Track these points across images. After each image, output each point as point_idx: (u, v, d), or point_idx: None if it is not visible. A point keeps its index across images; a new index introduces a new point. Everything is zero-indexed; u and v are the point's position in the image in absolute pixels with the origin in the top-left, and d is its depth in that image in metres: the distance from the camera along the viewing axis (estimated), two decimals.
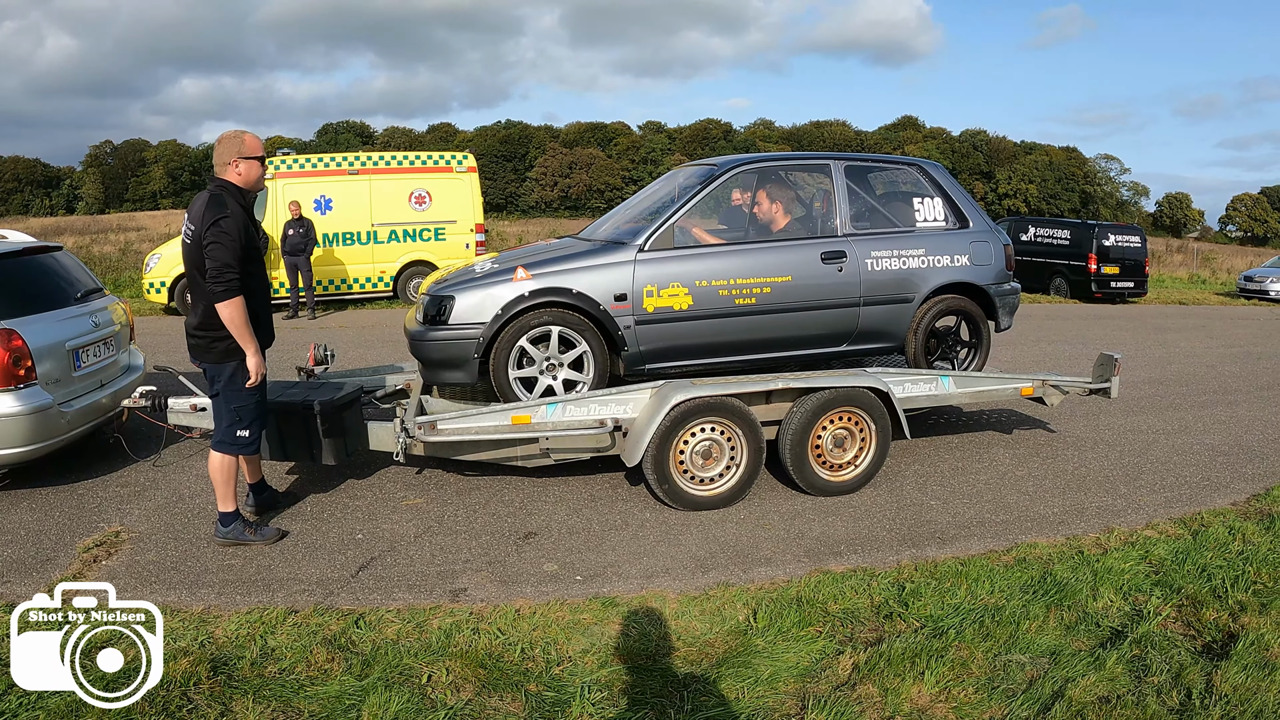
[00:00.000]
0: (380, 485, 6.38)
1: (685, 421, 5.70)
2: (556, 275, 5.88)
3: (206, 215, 4.73)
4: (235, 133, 4.97)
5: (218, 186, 4.88)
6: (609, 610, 4.49)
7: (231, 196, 4.86)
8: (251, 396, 5.10)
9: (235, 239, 4.75)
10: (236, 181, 4.92)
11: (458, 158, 17.79)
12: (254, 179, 4.99)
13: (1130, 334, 15.73)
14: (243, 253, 4.83)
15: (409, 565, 5.05)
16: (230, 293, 4.74)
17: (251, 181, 4.98)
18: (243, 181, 4.94)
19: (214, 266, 4.70)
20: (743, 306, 6.14)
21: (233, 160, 4.89)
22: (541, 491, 6.24)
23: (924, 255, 6.63)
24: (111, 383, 6.70)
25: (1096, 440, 7.81)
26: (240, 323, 4.82)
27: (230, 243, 4.72)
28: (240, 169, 4.91)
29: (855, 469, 6.20)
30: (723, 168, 6.43)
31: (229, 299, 4.74)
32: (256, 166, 4.96)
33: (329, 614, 4.40)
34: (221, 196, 4.81)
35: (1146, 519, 5.93)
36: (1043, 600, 4.60)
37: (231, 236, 4.73)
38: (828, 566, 5.06)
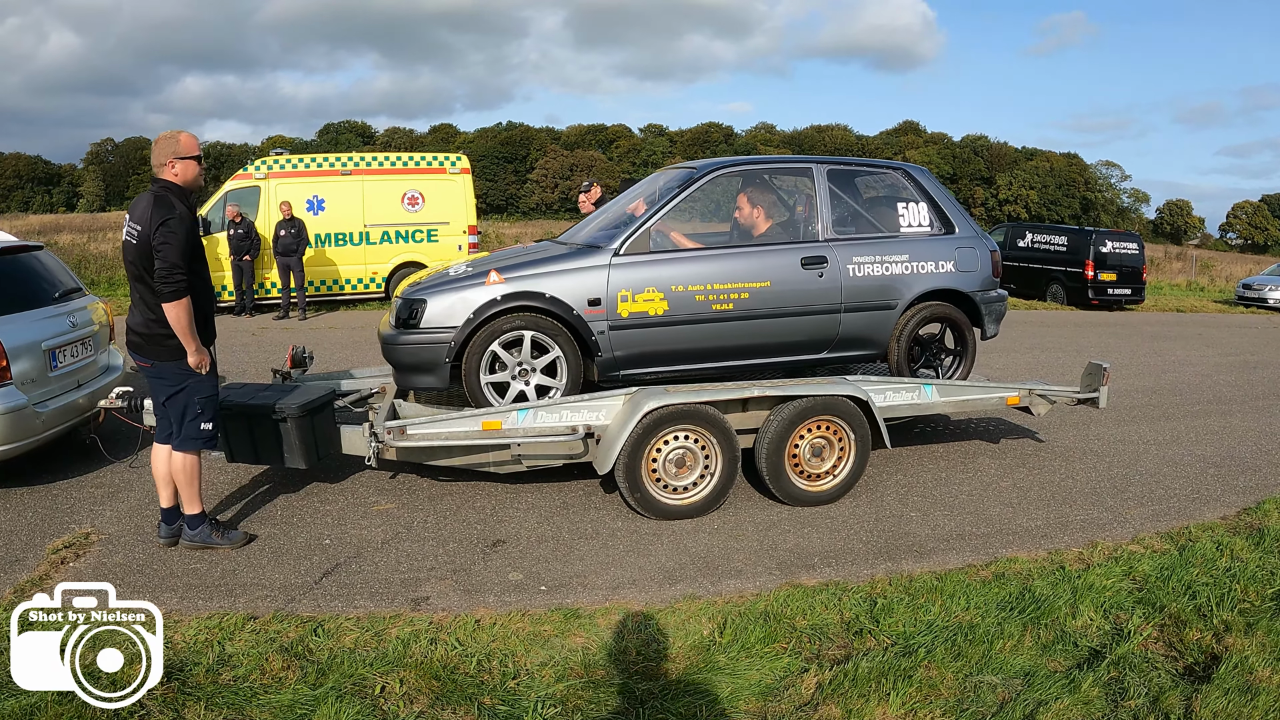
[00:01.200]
0: (353, 490, 6.29)
1: (658, 429, 5.58)
2: (529, 279, 5.77)
3: (154, 215, 4.66)
4: (172, 133, 4.90)
5: (161, 187, 4.81)
6: (571, 622, 4.38)
7: (176, 196, 4.78)
8: (212, 386, 5.05)
9: (183, 239, 4.69)
10: (175, 181, 4.85)
11: (451, 159, 17.74)
12: (191, 178, 4.91)
13: (1125, 342, 15.57)
14: (190, 253, 4.78)
15: (373, 572, 4.96)
16: (179, 293, 4.68)
17: (189, 181, 4.90)
18: (181, 181, 4.86)
19: (163, 267, 4.63)
20: (720, 312, 6.02)
21: (169, 160, 4.82)
22: (514, 498, 6.13)
23: (908, 261, 6.50)
24: (89, 383, 6.64)
25: (1085, 450, 7.69)
26: (186, 323, 4.76)
27: (179, 243, 4.65)
28: (176, 169, 4.83)
29: (833, 479, 6.07)
30: (701, 171, 6.32)
31: (176, 299, 4.69)
32: (193, 166, 4.88)
33: (288, 620, 4.33)
34: (167, 197, 4.74)
35: (1132, 533, 5.79)
36: (1019, 618, 4.47)
37: (179, 237, 4.66)
38: (799, 579, 4.93)
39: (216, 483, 6.33)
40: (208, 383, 5.01)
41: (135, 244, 4.76)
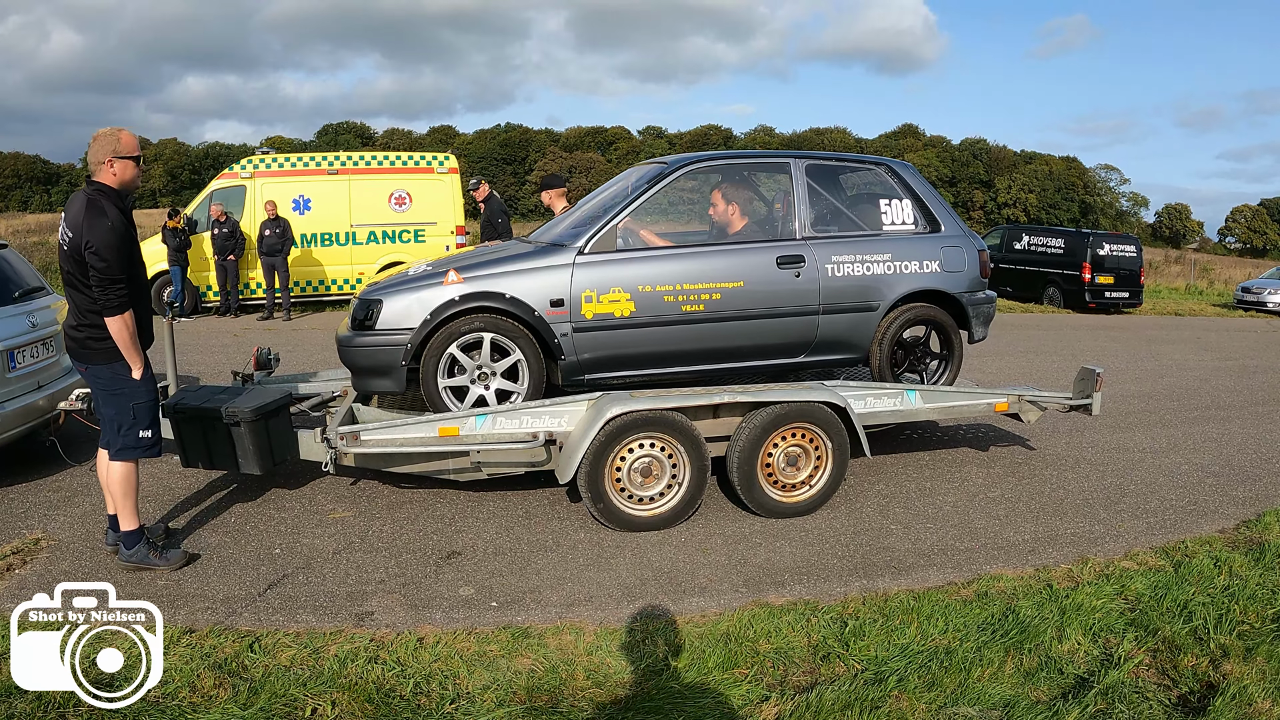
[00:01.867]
0: (310, 496, 6.05)
1: (622, 436, 5.30)
2: (489, 279, 5.49)
3: (86, 223, 4.41)
4: (111, 130, 4.62)
5: (95, 190, 4.54)
6: (519, 642, 4.11)
7: (109, 200, 4.52)
8: (150, 392, 4.81)
9: (119, 249, 4.46)
10: (111, 183, 4.58)
11: (439, 158, 17.51)
12: (129, 179, 4.64)
13: (1122, 345, 15.38)
14: (127, 262, 4.55)
15: (320, 584, 4.73)
16: (121, 307, 4.49)
17: (126, 182, 4.64)
18: (117, 182, 4.60)
19: (104, 282, 4.42)
20: (690, 314, 5.73)
21: (107, 159, 4.54)
22: (475, 507, 5.86)
23: (890, 260, 6.22)
24: (50, 384, 6.46)
25: (1078, 459, 7.41)
26: (128, 337, 4.57)
27: (114, 255, 4.42)
28: (115, 169, 4.57)
29: (810, 489, 5.79)
30: (672, 166, 6.04)
31: (119, 313, 4.49)
32: (131, 167, 4.62)
33: (226, 635, 4.13)
34: (99, 202, 4.47)
35: (1125, 548, 5.52)
36: (1001, 642, 4.19)
37: (114, 248, 4.43)
38: (767, 598, 4.64)
39: (174, 487, 6.13)
40: (143, 388, 4.75)
41: (67, 250, 4.52)
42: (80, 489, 6.08)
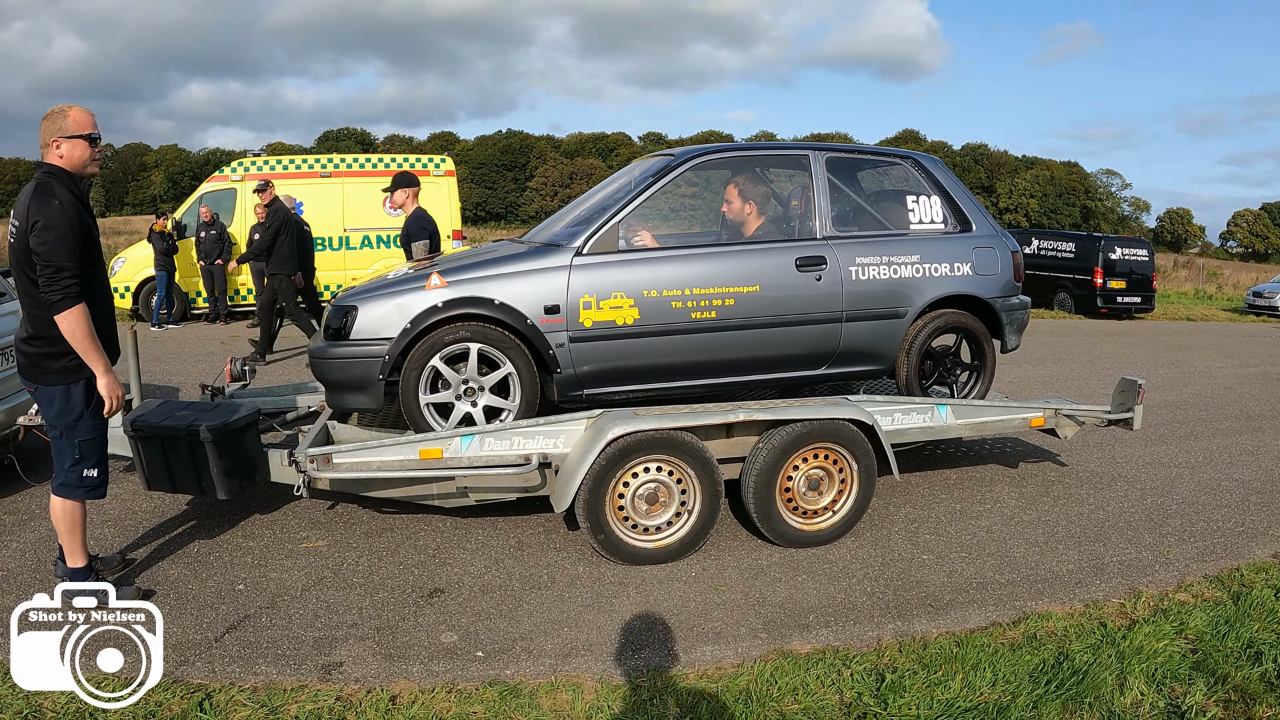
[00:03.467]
0: (284, 522, 5.53)
1: (625, 459, 4.77)
2: (476, 283, 4.96)
3: (32, 204, 3.89)
4: (59, 108, 4.07)
5: (44, 173, 4.01)
6: (507, 701, 3.57)
7: (61, 183, 4.00)
8: (99, 428, 4.26)
9: (68, 235, 3.91)
10: (64, 165, 4.05)
11: (435, 161, 17.06)
12: (79, 161, 4.10)
13: (1140, 352, 15.00)
14: (80, 251, 3.98)
15: (284, 628, 4.19)
16: (69, 299, 3.92)
17: (76, 164, 4.09)
18: (67, 164, 4.07)
19: (47, 270, 3.87)
20: (700, 321, 5.21)
21: (53, 140, 4.03)
22: (463, 536, 5.33)
23: (918, 263, 5.69)
24: (9, 398, 5.97)
25: (1114, 476, 6.90)
26: (84, 335, 3.98)
27: (62, 241, 3.88)
28: (62, 150, 4.04)
29: (833, 516, 5.25)
30: (680, 158, 5.50)
31: (69, 307, 3.92)
32: (81, 146, 4.08)
33: (174, 689, 3.63)
34: (49, 184, 3.96)
35: (1178, 577, 5.01)
36: (1058, 695, 3.66)
37: (62, 233, 3.88)
38: (790, 645, 4.09)
39: (138, 510, 5.64)
40: (88, 423, 4.20)
41: (15, 244, 3.99)
42: (39, 511, 5.57)
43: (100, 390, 4.12)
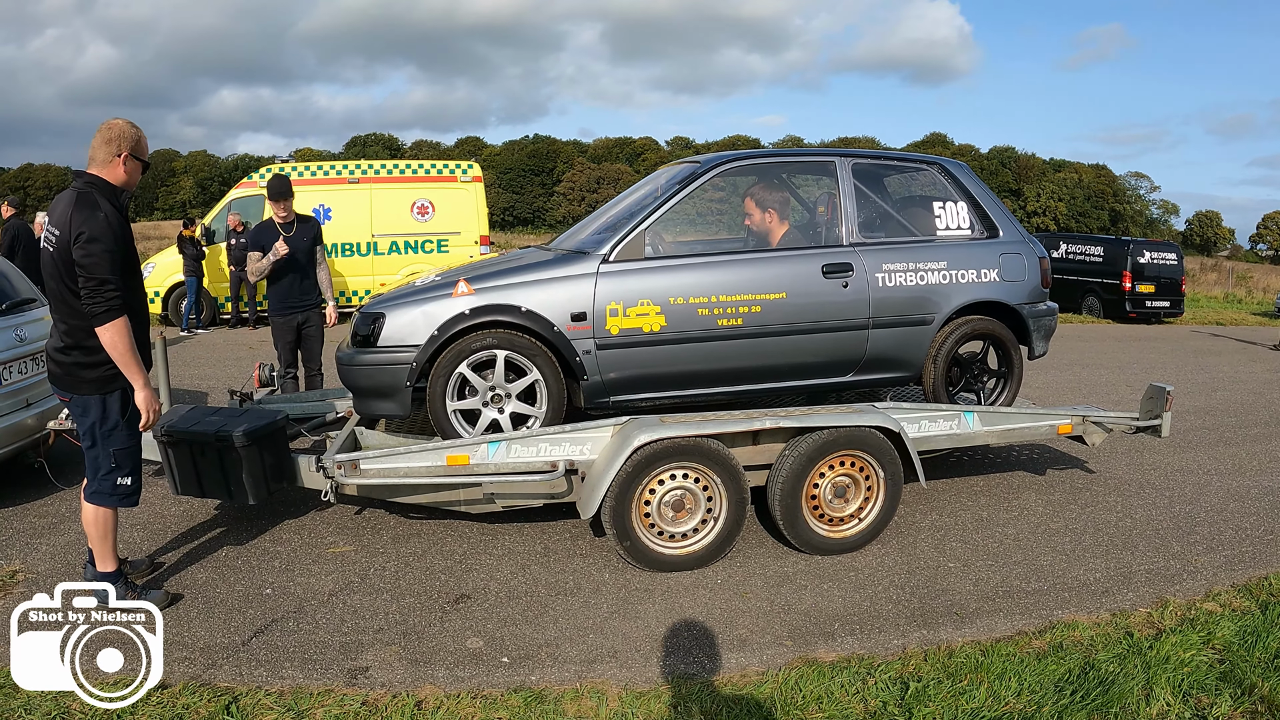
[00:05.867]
0: (311, 527, 5.58)
1: (651, 466, 4.78)
2: (502, 290, 4.98)
3: (75, 219, 3.91)
4: (128, 124, 4.17)
5: (86, 183, 4.05)
6: (532, 708, 3.60)
7: (104, 195, 4.04)
8: (134, 436, 4.31)
9: (113, 248, 3.96)
10: (111, 179, 4.11)
11: (462, 166, 17.14)
12: (132, 181, 4.22)
13: (1169, 357, 14.83)
14: (124, 263, 4.05)
15: (311, 632, 4.23)
16: (113, 312, 3.96)
17: (129, 182, 4.20)
18: (120, 180, 4.16)
19: (92, 283, 3.91)
20: (727, 329, 5.20)
21: (123, 154, 4.11)
22: (489, 542, 5.35)
23: (945, 269, 5.66)
24: (40, 402, 6.06)
25: (1142, 483, 6.83)
26: (126, 348, 4.02)
27: (108, 254, 3.93)
28: (126, 167, 4.14)
29: (859, 523, 5.24)
30: (706, 165, 5.49)
31: (112, 319, 3.96)
32: (138, 168, 4.21)
33: (201, 692, 3.67)
34: (91, 195, 4.00)
35: (1206, 586, 4.96)
36: (1083, 705, 3.65)
37: (108, 246, 3.93)
38: (815, 653, 4.09)
39: (167, 515, 5.71)
40: (123, 432, 4.25)
41: (54, 253, 4.01)
42: (68, 514, 5.67)
43: (138, 403, 4.16)
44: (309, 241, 7.23)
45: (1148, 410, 6.23)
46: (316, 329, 7.50)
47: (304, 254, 7.18)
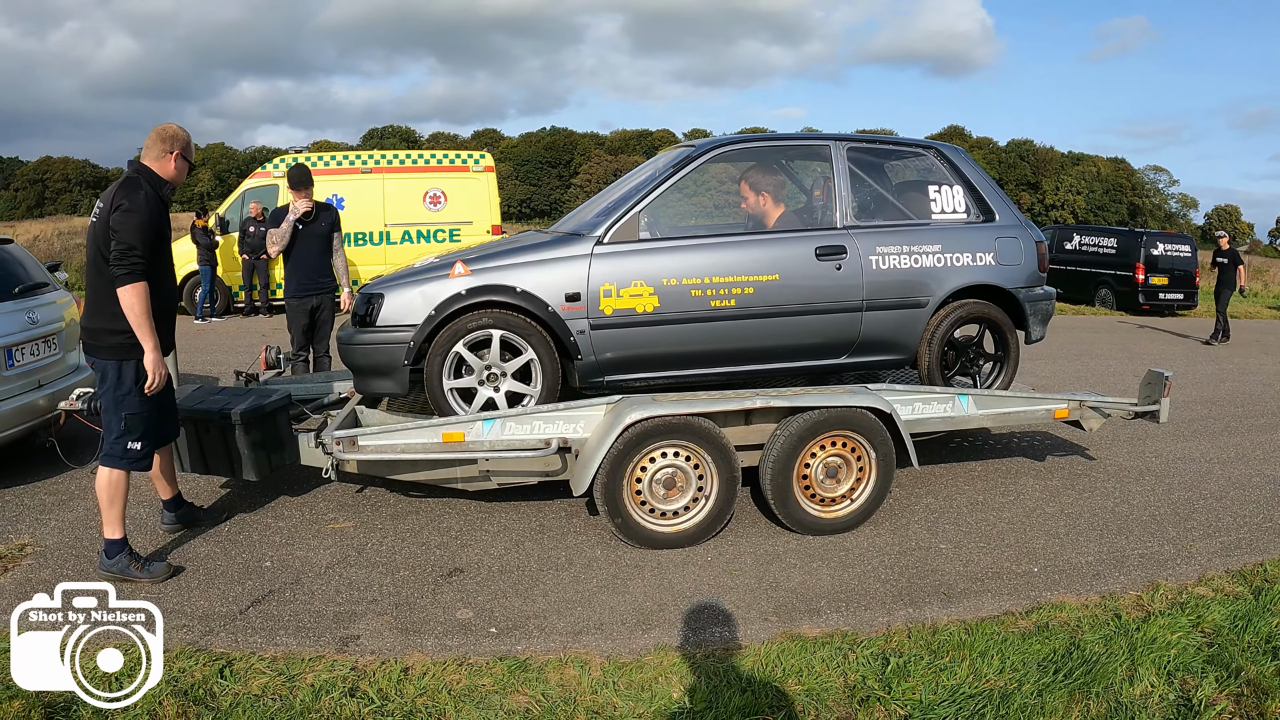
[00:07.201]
0: (313, 504, 5.68)
1: (642, 444, 4.83)
2: (498, 271, 5.04)
3: (119, 194, 4.32)
4: (182, 129, 4.64)
5: (135, 170, 4.48)
6: (516, 675, 3.66)
7: (148, 181, 4.46)
8: (146, 403, 4.50)
9: (144, 224, 4.33)
10: (160, 171, 4.55)
11: (474, 156, 17.21)
12: (178, 178, 4.64)
13: (1180, 349, 14.79)
14: (153, 241, 4.40)
15: (307, 602, 4.34)
16: (134, 275, 4.27)
17: (175, 178, 4.62)
18: (168, 174, 4.58)
19: (120, 247, 4.26)
20: (720, 310, 5.24)
21: (176, 151, 4.57)
22: (486, 519, 5.43)
23: (940, 252, 5.68)
24: (51, 383, 6.25)
25: (1142, 470, 6.83)
26: (141, 311, 4.30)
27: (138, 225, 4.29)
28: (176, 165, 4.59)
29: (850, 504, 5.28)
30: (701, 149, 5.53)
31: (131, 282, 4.27)
32: (184, 166, 4.65)
33: (197, 657, 3.80)
34: (137, 180, 4.41)
35: (1199, 571, 4.96)
36: (1065, 684, 3.66)
37: (141, 219, 4.31)
38: (799, 629, 4.13)
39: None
40: (135, 399, 4.45)
41: (96, 223, 4.40)
42: (77, 492, 5.83)
43: (145, 364, 4.38)
44: (327, 227, 7.38)
45: (1146, 395, 6.24)
46: (329, 314, 7.67)
47: (321, 240, 7.28)
